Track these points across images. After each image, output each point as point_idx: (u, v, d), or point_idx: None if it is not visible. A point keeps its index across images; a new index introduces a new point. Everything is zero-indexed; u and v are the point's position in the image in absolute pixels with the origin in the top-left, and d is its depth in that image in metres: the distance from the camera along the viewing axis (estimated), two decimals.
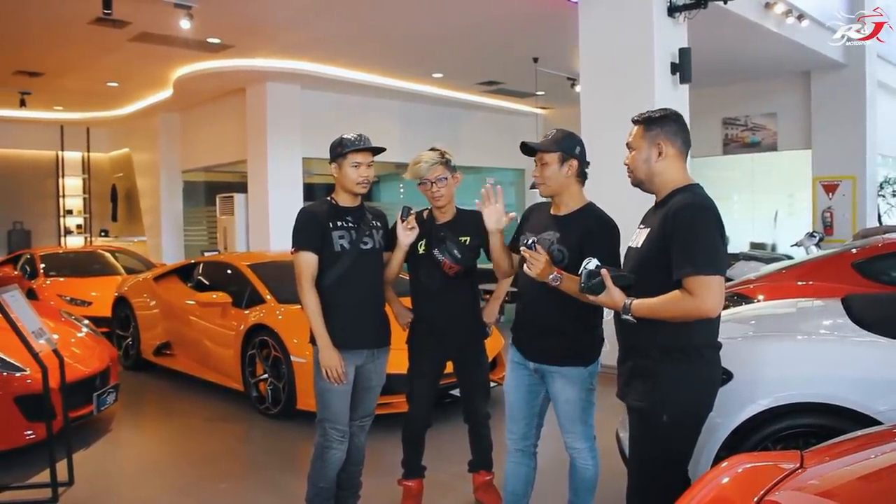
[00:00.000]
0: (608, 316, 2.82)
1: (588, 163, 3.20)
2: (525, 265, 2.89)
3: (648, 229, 2.64)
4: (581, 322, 3.12)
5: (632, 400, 2.64)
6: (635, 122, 2.73)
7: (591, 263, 2.60)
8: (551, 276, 2.84)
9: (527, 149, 3.19)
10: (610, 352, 3.92)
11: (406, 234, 3.58)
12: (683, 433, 2.58)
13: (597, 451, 3.29)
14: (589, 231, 3.06)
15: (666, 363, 2.52)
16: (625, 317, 2.55)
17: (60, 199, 16.25)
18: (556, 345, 3.13)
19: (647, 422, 2.57)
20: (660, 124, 2.65)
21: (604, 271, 2.55)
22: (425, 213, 3.83)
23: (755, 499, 1.78)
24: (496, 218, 3.23)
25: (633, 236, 2.77)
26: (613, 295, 2.55)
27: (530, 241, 2.93)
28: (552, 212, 3.21)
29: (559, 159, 3.11)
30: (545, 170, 3.12)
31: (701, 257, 2.42)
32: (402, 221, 3.57)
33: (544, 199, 3.30)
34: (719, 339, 2.63)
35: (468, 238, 3.72)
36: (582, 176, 3.18)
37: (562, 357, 3.13)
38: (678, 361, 2.52)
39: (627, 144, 2.74)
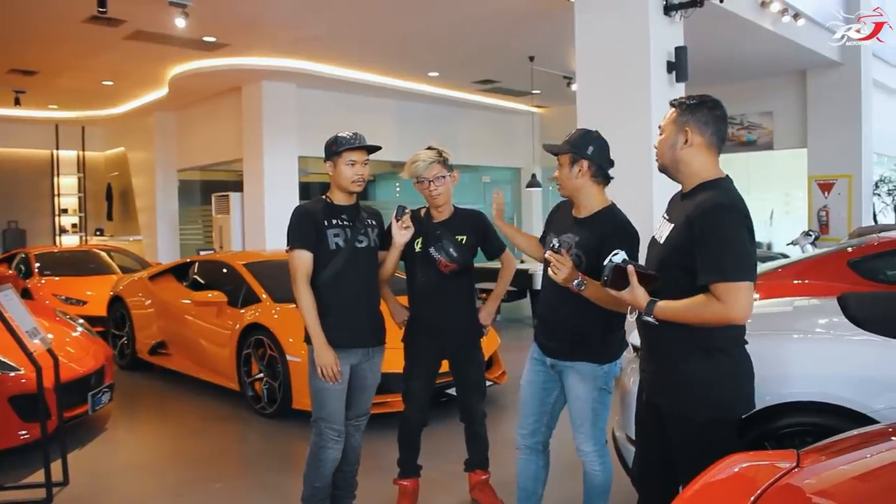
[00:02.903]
0: (630, 317, 2.74)
1: (612, 162, 3.14)
2: (549, 269, 2.86)
3: (673, 225, 2.53)
4: (601, 323, 3.08)
5: (664, 404, 2.56)
6: (671, 104, 2.62)
7: (618, 257, 2.47)
8: (575, 282, 2.80)
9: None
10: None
11: (401, 234, 3.57)
12: (725, 432, 2.49)
13: (608, 457, 3.26)
14: (606, 235, 2.99)
15: (693, 363, 2.45)
16: (646, 318, 2.45)
17: (55, 198, 16.19)
18: (570, 340, 3.14)
19: (687, 427, 2.48)
20: (691, 111, 2.53)
21: (631, 268, 2.43)
22: (422, 212, 3.82)
23: (751, 498, 1.77)
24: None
25: (656, 226, 2.68)
26: (637, 294, 2.44)
27: (556, 246, 2.90)
28: (573, 213, 3.19)
29: (569, 161, 3.09)
30: (559, 171, 3.13)
31: (728, 262, 2.32)
32: (397, 221, 3.56)
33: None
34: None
35: (465, 237, 3.72)
36: (600, 177, 3.11)
37: (574, 351, 3.13)
38: (705, 361, 2.44)
39: (659, 127, 2.65)
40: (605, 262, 2.49)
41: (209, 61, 10.45)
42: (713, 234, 2.36)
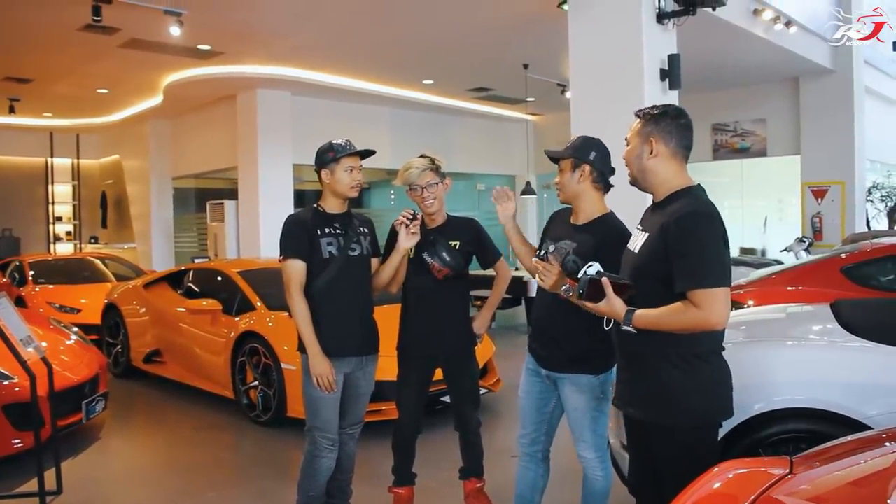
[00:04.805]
0: (606, 327, 2.75)
1: (613, 169, 3.13)
2: (537, 276, 2.87)
3: (647, 234, 2.55)
4: (593, 331, 3.02)
5: (643, 414, 2.56)
6: (636, 115, 2.65)
7: (592, 269, 2.48)
8: (563, 288, 2.76)
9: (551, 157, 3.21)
10: None
11: (407, 239, 3.57)
12: (706, 439, 2.52)
13: (608, 463, 3.26)
14: (604, 243, 2.97)
15: (672, 371, 2.46)
16: (625, 327, 2.46)
17: (50, 206, 16.14)
18: (565, 352, 3.13)
19: (670, 435, 2.49)
20: (655, 121, 2.57)
21: (605, 279, 2.45)
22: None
23: None
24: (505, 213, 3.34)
25: (631, 239, 2.71)
26: (614, 304, 2.46)
27: (543, 253, 2.91)
28: (571, 220, 3.19)
29: (571, 165, 3.09)
30: (560, 176, 3.14)
31: (705, 269, 2.34)
32: (408, 225, 3.56)
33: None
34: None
35: (458, 243, 3.73)
36: (601, 182, 3.12)
37: (570, 363, 3.13)
38: (682, 369, 2.45)
39: (625, 139, 2.67)
40: (578, 276, 2.50)
41: (204, 69, 10.46)
42: (688, 241, 2.38)
